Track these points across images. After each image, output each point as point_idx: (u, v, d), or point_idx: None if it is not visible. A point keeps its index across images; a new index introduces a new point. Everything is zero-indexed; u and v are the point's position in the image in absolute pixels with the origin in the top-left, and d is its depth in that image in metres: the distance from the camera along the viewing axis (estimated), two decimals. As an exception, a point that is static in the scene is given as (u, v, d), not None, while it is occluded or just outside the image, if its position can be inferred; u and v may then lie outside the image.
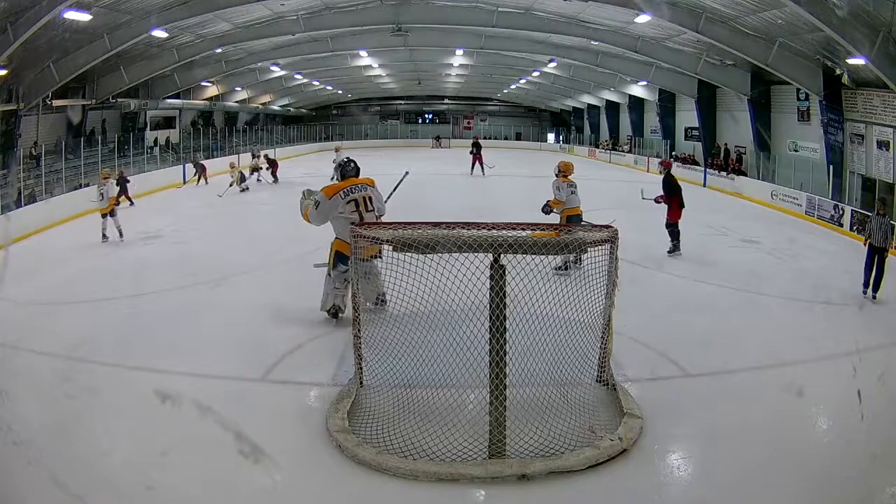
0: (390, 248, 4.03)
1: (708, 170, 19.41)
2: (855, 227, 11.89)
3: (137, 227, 11.30)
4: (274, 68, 23.42)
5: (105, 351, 5.36)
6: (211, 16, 14.65)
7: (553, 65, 22.99)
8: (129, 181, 14.55)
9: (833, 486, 3.57)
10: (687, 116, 21.97)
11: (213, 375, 4.93)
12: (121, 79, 17.47)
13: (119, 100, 18.64)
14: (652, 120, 25.22)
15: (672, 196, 9.08)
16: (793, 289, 7.53)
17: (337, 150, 20.48)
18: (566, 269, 7.04)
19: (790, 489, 3.53)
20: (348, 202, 5.86)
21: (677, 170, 21.20)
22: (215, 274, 8.00)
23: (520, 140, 38.02)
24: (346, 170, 6.12)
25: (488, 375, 3.77)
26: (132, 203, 14.21)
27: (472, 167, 20.34)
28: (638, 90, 23.88)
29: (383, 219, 6.07)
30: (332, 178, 18.57)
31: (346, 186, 5.95)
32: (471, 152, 20.80)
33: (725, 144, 19.41)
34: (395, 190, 7.18)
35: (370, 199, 5.97)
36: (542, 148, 36.11)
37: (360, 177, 6.21)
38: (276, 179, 18.77)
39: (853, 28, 10.29)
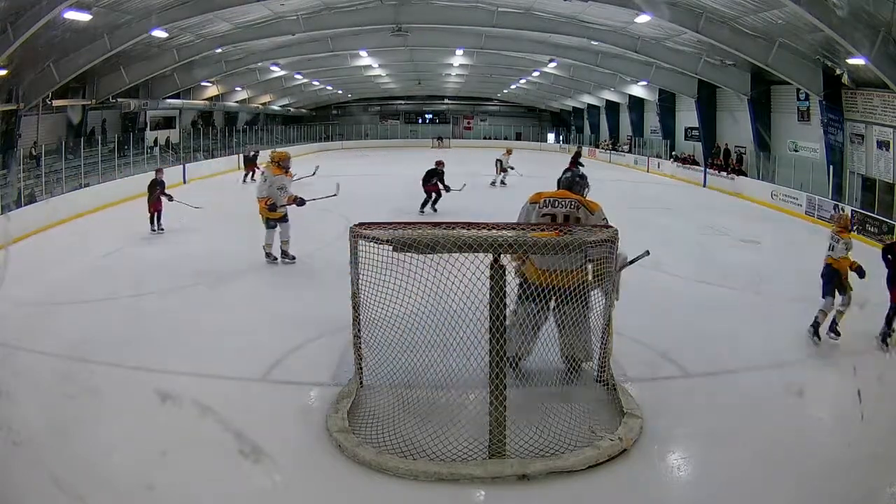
0: (390, 248, 4.03)
1: (708, 170, 19.41)
2: (855, 228, 11.90)
3: (137, 228, 11.29)
4: (274, 68, 23.41)
5: (105, 351, 5.36)
6: (211, 16, 14.64)
7: (553, 65, 22.99)
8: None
9: (833, 486, 3.57)
10: (687, 116, 21.97)
11: (213, 375, 4.93)
12: (121, 79, 17.46)
13: (119, 100, 18.62)
14: (652, 120, 25.22)
15: None
16: (793, 289, 7.52)
17: (508, 152, 18.34)
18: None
19: (790, 489, 3.53)
20: (542, 216, 4.76)
21: (677, 170, 21.35)
22: (215, 274, 8.00)
23: (520, 140, 37.99)
24: (560, 179, 5.02)
25: (488, 375, 3.77)
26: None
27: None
28: (638, 90, 23.88)
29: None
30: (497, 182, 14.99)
31: (549, 196, 4.83)
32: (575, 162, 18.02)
33: (725, 144, 19.41)
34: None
35: (577, 220, 4.65)
36: (542, 148, 36.10)
37: (578, 193, 4.91)
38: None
39: (853, 28, 10.29)
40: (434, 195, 12.91)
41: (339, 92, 34.29)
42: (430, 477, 3.54)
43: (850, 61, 11.62)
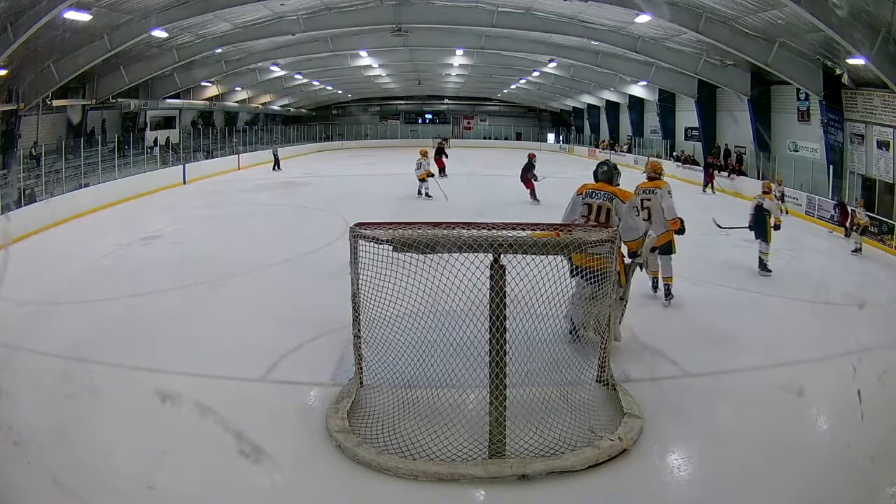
0: (390, 248, 4.03)
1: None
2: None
3: (137, 228, 11.30)
4: (274, 68, 23.41)
5: (105, 351, 5.36)
6: (211, 16, 14.64)
7: (553, 65, 22.98)
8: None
9: (833, 486, 3.57)
10: (687, 116, 21.96)
11: (213, 375, 4.93)
12: (121, 79, 17.47)
13: (119, 100, 18.63)
14: (652, 120, 25.21)
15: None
16: (793, 289, 7.53)
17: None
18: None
19: (790, 489, 3.53)
20: (584, 204, 5.44)
21: (677, 170, 21.31)
22: (215, 274, 8.00)
23: (520, 140, 37.98)
24: (595, 172, 5.63)
25: (488, 375, 3.77)
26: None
27: (705, 186, 18.01)
28: (638, 90, 23.86)
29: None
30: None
31: (590, 188, 5.50)
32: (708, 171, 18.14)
33: (725, 144, 19.41)
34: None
35: (607, 211, 5.34)
36: (542, 148, 36.00)
37: (616, 186, 5.53)
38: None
39: (853, 28, 10.29)
40: (530, 188, 14.27)
41: (339, 92, 34.28)
42: (430, 477, 3.54)
43: (850, 61, 11.61)
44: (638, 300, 6.63)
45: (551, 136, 37.94)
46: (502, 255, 3.77)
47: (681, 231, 6.61)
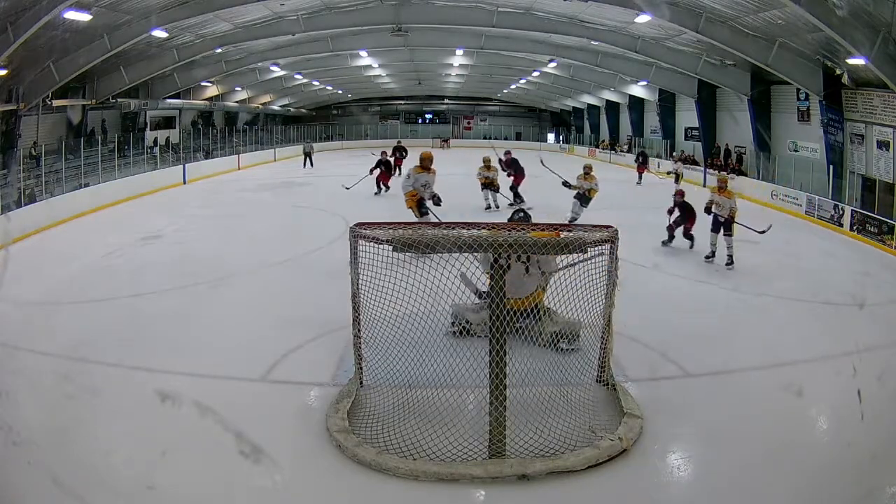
0: (390, 247, 4.03)
1: (708, 170, 19.41)
2: (855, 227, 11.90)
3: (137, 228, 11.30)
4: (274, 68, 23.40)
5: (105, 351, 5.36)
6: (211, 16, 14.63)
7: (553, 65, 22.98)
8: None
9: (833, 485, 3.57)
10: (687, 116, 21.96)
11: (213, 375, 4.93)
12: (121, 79, 17.46)
13: (119, 100, 18.62)
14: (652, 120, 25.21)
15: None
16: (793, 289, 7.53)
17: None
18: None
19: (790, 489, 3.53)
20: None
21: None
22: (215, 274, 8.00)
23: (520, 140, 37.96)
24: (511, 219, 5.90)
25: (488, 375, 3.77)
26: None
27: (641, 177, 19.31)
28: (638, 90, 23.86)
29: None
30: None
31: None
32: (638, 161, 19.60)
33: (726, 144, 19.40)
34: None
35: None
36: (542, 148, 35.96)
37: None
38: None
39: (853, 28, 10.29)
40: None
41: (339, 92, 34.26)
42: (430, 477, 3.54)
43: (850, 61, 11.61)
44: (638, 300, 6.63)
45: (551, 136, 37.93)
46: (502, 255, 3.78)
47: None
